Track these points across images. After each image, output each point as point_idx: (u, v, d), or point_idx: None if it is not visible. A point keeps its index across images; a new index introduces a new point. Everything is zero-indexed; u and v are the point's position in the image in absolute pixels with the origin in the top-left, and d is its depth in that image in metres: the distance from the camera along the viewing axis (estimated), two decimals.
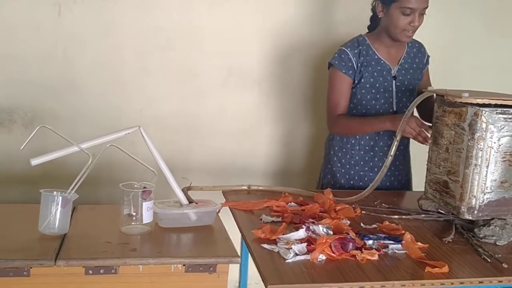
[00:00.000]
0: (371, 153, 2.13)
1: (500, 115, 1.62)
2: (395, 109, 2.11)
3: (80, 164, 1.50)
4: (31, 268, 1.32)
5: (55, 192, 1.46)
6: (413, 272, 1.42)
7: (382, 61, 2.09)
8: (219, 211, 1.68)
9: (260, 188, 2.01)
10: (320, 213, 1.74)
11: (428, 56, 2.21)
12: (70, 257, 1.35)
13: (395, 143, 1.83)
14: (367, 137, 2.11)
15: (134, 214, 1.52)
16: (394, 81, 2.10)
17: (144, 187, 1.53)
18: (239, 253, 1.49)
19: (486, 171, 1.64)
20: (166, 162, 1.63)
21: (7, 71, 2.40)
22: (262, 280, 1.34)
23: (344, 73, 2.07)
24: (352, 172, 2.15)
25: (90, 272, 1.35)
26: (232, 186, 2.03)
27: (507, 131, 1.63)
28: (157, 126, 2.51)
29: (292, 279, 1.34)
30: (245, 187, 2.01)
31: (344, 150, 2.16)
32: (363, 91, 2.09)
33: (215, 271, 1.42)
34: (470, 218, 1.68)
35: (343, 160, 2.16)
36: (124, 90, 2.52)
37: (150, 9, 2.45)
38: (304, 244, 1.49)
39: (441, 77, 2.62)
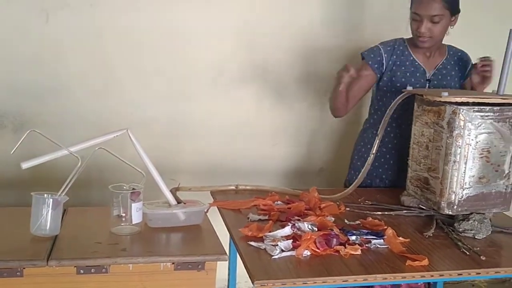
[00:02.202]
0: (393, 152, 2.16)
1: (477, 113, 1.68)
2: None
3: (70, 167, 1.53)
4: (24, 268, 1.36)
5: (45, 195, 1.49)
6: (394, 265, 1.47)
7: (416, 63, 2.12)
8: (207, 210, 1.73)
9: (248, 187, 2.05)
10: (306, 211, 1.79)
11: (473, 65, 2.18)
12: (62, 257, 1.39)
13: (377, 141, 1.87)
14: (386, 139, 2.14)
15: (123, 215, 1.56)
16: (428, 84, 2.12)
17: (133, 189, 1.57)
18: (227, 252, 1.54)
19: (465, 168, 1.70)
20: (155, 164, 1.67)
21: None
22: (249, 276, 1.39)
23: (369, 65, 2.11)
24: (370, 170, 2.15)
25: (82, 271, 1.39)
26: (220, 186, 2.07)
27: (484, 129, 1.69)
28: (146, 129, 2.55)
29: (278, 275, 1.38)
30: (233, 187, 2.05)
31: (363, 149, 2.21)
32: (393, 89, 2.12)
33: (203, 268, 1.46)
34: (450, 213, 1.74)
35: (363, 159, 2.18)
36: (113, 93, 2.54)
37: (136, 13, 2.48)
38: (290, 241, 1.54)
39: None
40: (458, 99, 1.69)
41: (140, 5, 2.48)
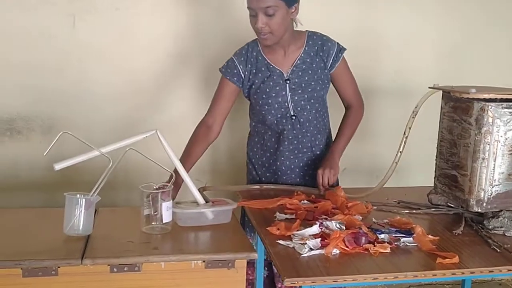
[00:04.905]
0: (270, 152, 2.13)
1: (506, 110, 1.66)
2: (292, 113, 2.04)
3: (97, 169, 1.55)
4: (59, 267, 1.38)
5: (78, 195, 1.52)
6: (424, 263, 1.47)
7: (271, 66, 2.04)
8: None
9: (272, 187, 2.07)
10: (333, 210, 1.79)
11: (341, 50, 2.07)
12: (95, 256, 1.41)
13: (404, 139, 1.87)
14: (273, 139, 2.11)
15: (154, 214, 1.58)
16: (287, 85, 2.03)
17: (163, 188, 1.59)
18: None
19: (494, 164, 1.68)
20: None
21: (24, 80, 2.47)
22: (280, 274, 1.40)
23: (228, 79, 2.05)
24: (263, 169, 2.15)
25: (115, 270, 1.41)
26: (245, 186, 2.08)
27: None
28: (170, 131, 2.54)
29: (308, 273, 1.39)
30: (258, 187, 2.07)
31: (255, 149, 2.18)
32: (255, 96, 2.06)
33: (233, 266, 1.47)
34: (479, 210, 1.72)
35: (258, 163, 2.17)
36: (138, 96, 2.58)
37: (159, 17, 2.52)
38: (318, 239, 1.54)
39: (451, 75, 2.68)
40: (486, 96, 1.68)
41: (161, 9, 2.52)
